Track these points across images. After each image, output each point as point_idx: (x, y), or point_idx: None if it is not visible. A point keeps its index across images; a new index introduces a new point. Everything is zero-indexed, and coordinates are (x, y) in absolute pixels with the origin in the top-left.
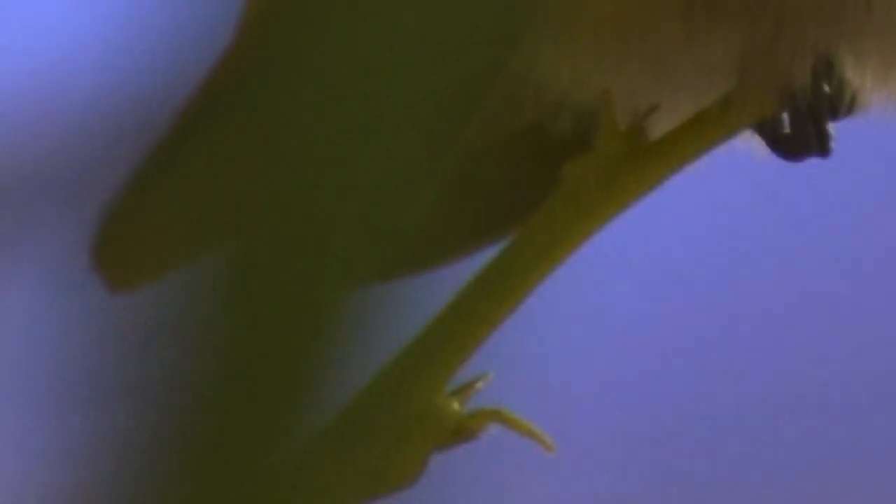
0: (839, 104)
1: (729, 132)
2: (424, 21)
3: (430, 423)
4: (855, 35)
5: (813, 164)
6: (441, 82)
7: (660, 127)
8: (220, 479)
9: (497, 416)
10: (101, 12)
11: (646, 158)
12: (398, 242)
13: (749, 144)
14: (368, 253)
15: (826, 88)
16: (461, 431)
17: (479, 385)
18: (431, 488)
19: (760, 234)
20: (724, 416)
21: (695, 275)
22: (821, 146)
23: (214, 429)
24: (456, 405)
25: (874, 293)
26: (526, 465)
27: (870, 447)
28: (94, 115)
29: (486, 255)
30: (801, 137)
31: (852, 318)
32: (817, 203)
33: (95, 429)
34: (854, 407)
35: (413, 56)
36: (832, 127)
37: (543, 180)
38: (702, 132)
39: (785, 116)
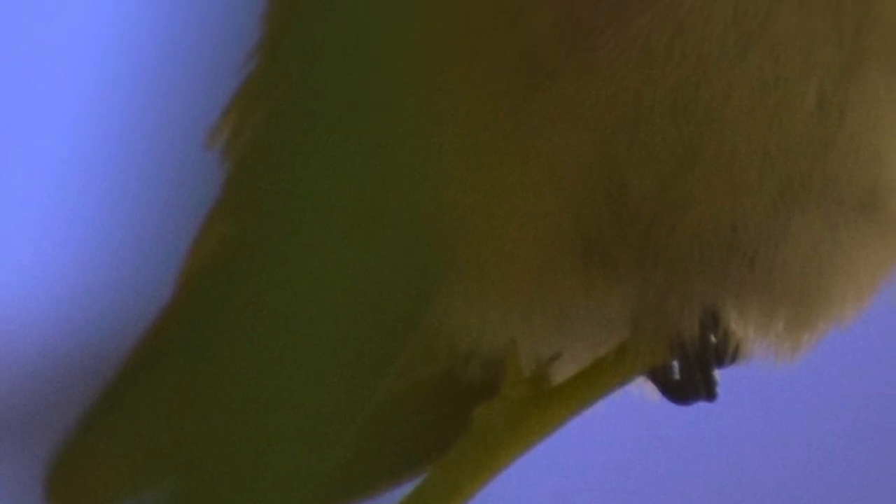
0: (725, 353)
1: (624, 378)
2: (347, 277)
3: None
4: (738, 290)
5: (700, 407)
6: (361, 334)
7: (561, 373)
8: None
9: None
10: (51, 258)
11: (549, 402)
12: (323, 480)
13: (642, 389)
14: (295, 490)
15: (712, 339)
16: None
17: None
18: None
19: (653, 467)
20: None
21: None
22: (707, 391)
23: None
24: None
25: None
26: None
27: None
28: (46, 360)
29: (402, 491)
30: (689, 383)
31: None
32: (703, 443)
33: None
34: None
35: (336, 310)
36: (718, 374)
37: (455, 422)
38: (599, 378)
39: (675, 364)
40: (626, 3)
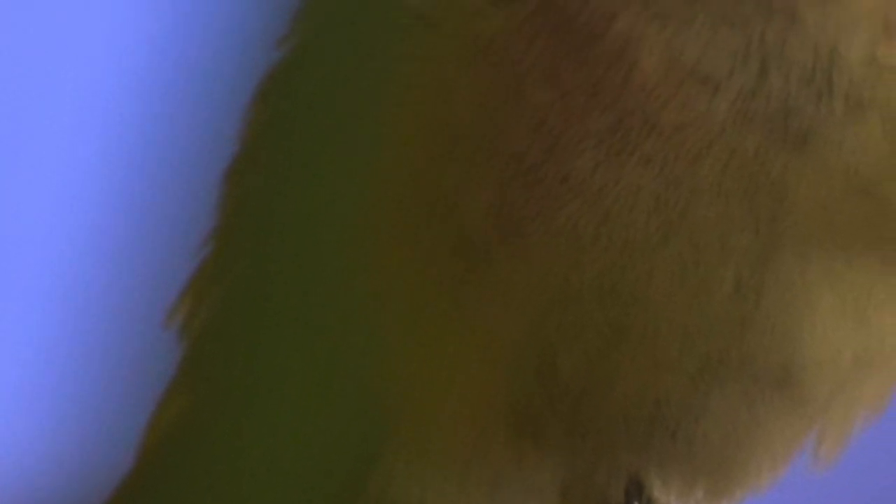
0: None
1: None
2: (297, 445)
3: None
4: (662, 461)
5: None
6: (311, 500)
7: None
8: None
9: None
10: (14, 428)
11: None
12: None
13: None
14: None
15: None
16: None
17: None
18: None
19: None
20: None
21: None
22: None
23: None
24: None
25: None
26: None
27: None
28: None
29: None
30: None
31: None
32: None
33: None
34: None
35: (287, 477)
36: None
37: None
38: None
39: None
40: (555, 192)
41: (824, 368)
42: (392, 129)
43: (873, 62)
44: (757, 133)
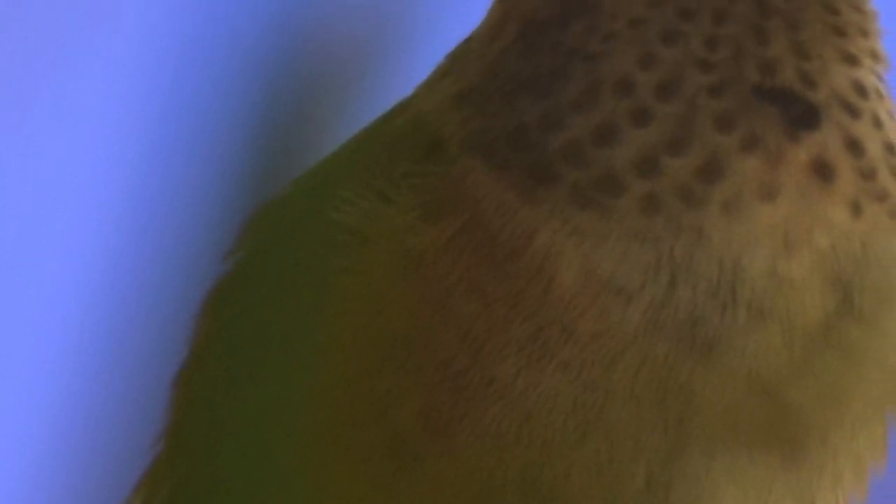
0: None
1: None
2: None
3: None
4: None
5: None
6: None
7: None
8: None
9: None
10: None
11: None
12: None
13: None
14: None
15: None
16: None
17: None
18: None
19: None
20: None
21: None
22: None
23: None
24: None
25: None
26: None
27: None
28: None
29: None
30: None
31: None
32: None
33: None
34: None
35: None
36: None
37: None
38: None
39: None
40: (480, 395)
41: None
42: (330, 339)
43: (774, 275)
44: (666, 340)
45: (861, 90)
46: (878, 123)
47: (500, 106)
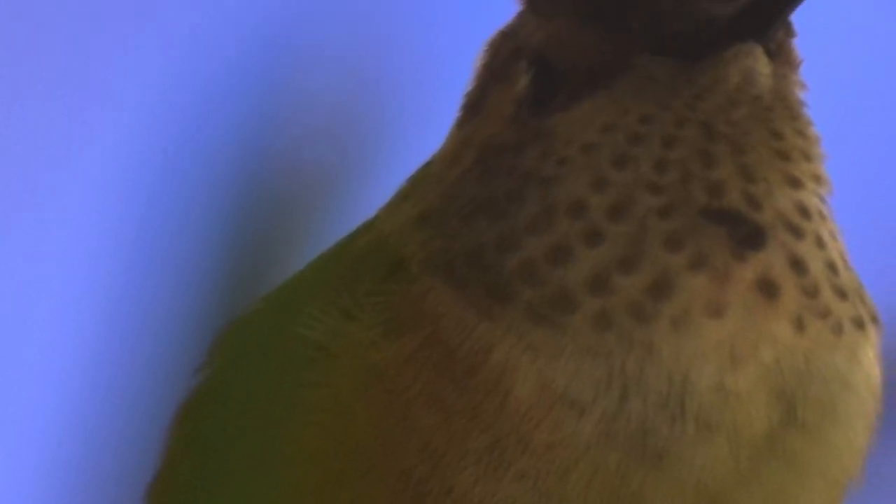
0: None
1: None
2: None
3: None
4: None
5: None
6: None
7: None
8: None
9: None
10: None
11: None
12: None
13: None
14: None
15: None
16: None
17: None
18: None
19: None
20: None
21: None
22: None
23: None
24: None
25: None
26: None
27: None
28: None
29: None
30: None
31: None
32: None
33: None
34: None
35: None
36: None
37: None
38: None
39: None
40: (440, 503)
41: None
42: (297, 449)
43: (721, 388)
44: (618, 451)
45: (804, 212)
46: (820, 243)
47: (458, 227)
